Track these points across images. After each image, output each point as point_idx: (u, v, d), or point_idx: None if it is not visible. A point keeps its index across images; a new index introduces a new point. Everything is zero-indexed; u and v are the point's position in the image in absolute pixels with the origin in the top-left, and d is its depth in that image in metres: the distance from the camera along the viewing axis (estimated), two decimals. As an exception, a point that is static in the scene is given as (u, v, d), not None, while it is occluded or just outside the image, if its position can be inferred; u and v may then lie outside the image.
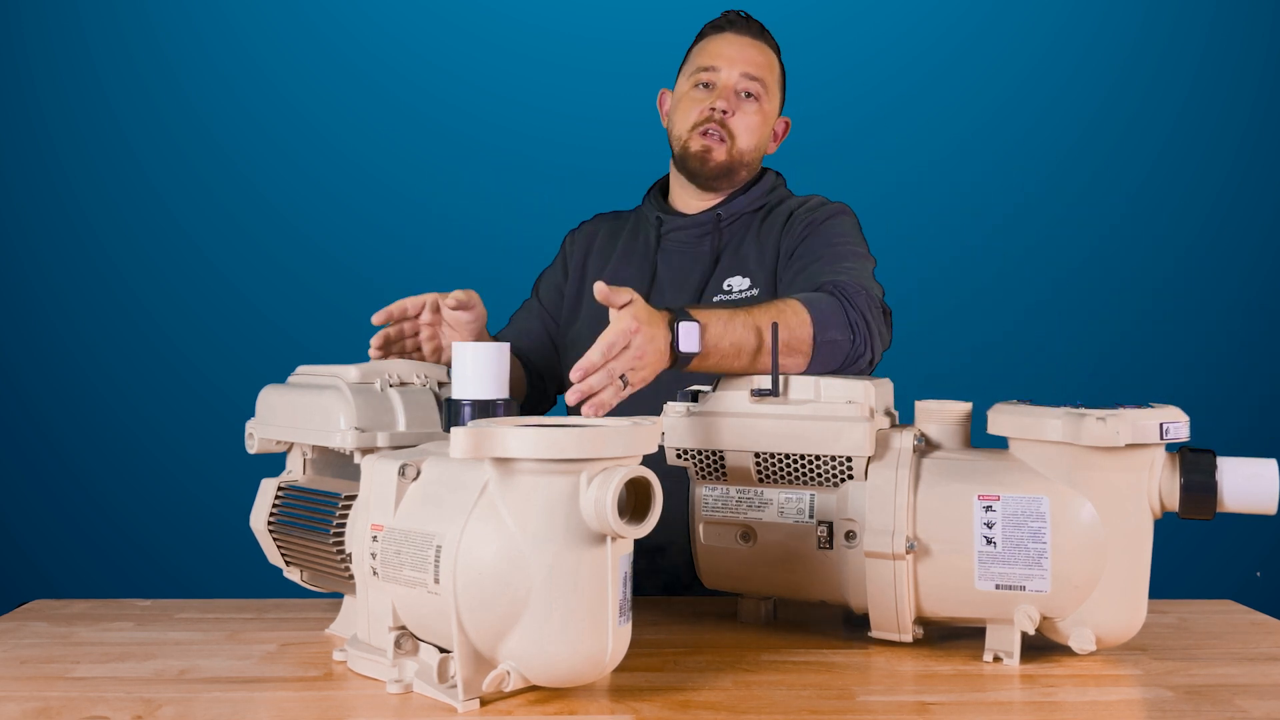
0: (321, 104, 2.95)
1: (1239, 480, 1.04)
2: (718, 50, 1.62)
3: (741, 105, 1.60)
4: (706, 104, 1.59)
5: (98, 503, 2.88)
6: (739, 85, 1.59)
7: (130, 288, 2.91)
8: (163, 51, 2.93)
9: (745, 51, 1.61)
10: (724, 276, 1.57)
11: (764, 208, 1.63)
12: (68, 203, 2.91)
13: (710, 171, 1.60)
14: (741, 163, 1.61)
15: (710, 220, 1.62)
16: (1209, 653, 1.14)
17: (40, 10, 2.91)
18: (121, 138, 2.92)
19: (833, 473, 1.14)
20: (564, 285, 1.71)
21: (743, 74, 1.59)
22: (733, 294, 1.55)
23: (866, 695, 0.98)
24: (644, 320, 1.13)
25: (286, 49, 2.95)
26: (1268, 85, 2.94)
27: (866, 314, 1.34)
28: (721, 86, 1.59)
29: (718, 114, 1.58)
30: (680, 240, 1.63)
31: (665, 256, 1.63)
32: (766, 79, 1.61)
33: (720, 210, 1.62)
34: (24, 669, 1.06)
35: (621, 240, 1.69)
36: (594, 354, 1.08)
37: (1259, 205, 2.94)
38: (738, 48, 1.61)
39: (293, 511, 1.16)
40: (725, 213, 1.62)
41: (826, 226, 1.54)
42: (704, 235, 1.62)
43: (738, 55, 1.60)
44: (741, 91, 1.60)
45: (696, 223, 1.63)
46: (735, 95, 1.59)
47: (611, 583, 0.91)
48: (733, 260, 1.59)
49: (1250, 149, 2.94)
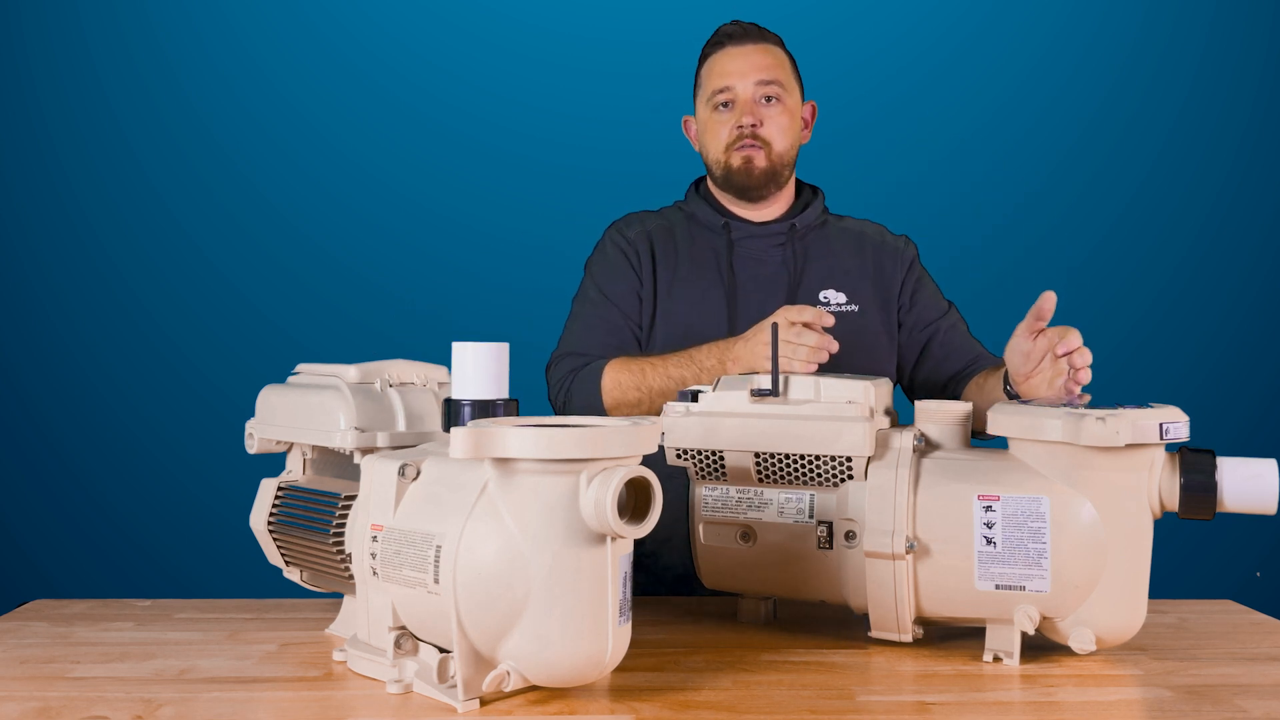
0: (321, 104, 2.95)
1: (1239, 480, 1.04)
2: (725, 68, 1.62)
3: (765, 112, 1.60)
4: (733, 123, 1.60)
5: (98, 503, 2.88)
6: (756, 94, 1.60)
7: (130, 288, 2.91)
8: (163, 51, 2.93)
9: (752, 59, 1.61)
10: (816, 288, 1.61)
11: (825, 223, 1.68)
12: (68, 203, 2.91)
13: (757, 180, 1.61)
14: (783, 163, 1.63)
15: (786, 229, 1.64)
16: (1209, 653, 1.14)
17: (40, 10, 2.91)
18: (121, 138, 2.92)
19: (833, 473, 1.14)
20: (640, 290, 1.64)
21: (757, 82, 1.60)
22: (830, 306, 1.59)
23: (866, 695, 0.98)
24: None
25: (286, 49, 2.95)
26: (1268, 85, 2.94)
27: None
28: (741, 102, 1.60)
29: (747, 130, 1.59)
30: (755, 248, 1.64)
31: (741, 264, 1.62)
32: (780, 77, 1.61)
33: (796, 221, 1.65)
34: (24, 669, 1.06)
35: (680, 245, 1.65)
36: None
37: (1259, 205, 2.94)
38: (743, 59, 1.61)
39: (293, 511, 1.16)
40: (800, 224, 1.65)
41: (926, 278, 1.70)
42: (780, 244, 1.64)
43: (746, 66, 1.60)
44: (761, 99, 1.60)
45: (770, 231, 1.64)
46: (756, 105, 1.60)
47: (611, 583, 0.91)
48: (824, 272, 1.62)
49: (1250, 149, 2.94)
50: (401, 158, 2.95)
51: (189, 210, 2.92)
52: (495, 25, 2.97)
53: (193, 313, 2.91)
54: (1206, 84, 2.95)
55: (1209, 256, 2.94)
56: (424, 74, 2.96)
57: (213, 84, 2.93)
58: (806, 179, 1.74)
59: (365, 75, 2.95)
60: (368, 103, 2.96)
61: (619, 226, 1.69)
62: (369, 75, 2.96)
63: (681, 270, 1.63)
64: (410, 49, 2.96)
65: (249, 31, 2.94)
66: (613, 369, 1.52)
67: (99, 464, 2.88)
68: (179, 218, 2.92)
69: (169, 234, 2.91)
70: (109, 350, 2.89)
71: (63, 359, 2.90)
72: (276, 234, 2.93)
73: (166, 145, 2.92)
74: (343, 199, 2.94)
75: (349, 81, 2.95)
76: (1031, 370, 1.31)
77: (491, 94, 2.96)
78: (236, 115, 2.93)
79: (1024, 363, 1.31)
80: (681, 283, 1.61)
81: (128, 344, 2.89)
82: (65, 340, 2.89)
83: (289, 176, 2.93)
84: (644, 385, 1.48)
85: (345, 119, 2.95)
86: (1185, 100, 2.95)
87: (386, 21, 2.97)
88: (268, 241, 2.92)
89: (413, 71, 2.96)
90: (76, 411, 2.89)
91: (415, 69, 2.96)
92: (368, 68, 2.96)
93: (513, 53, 2.96)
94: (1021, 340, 1.29)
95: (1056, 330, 1.26)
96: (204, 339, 2.90)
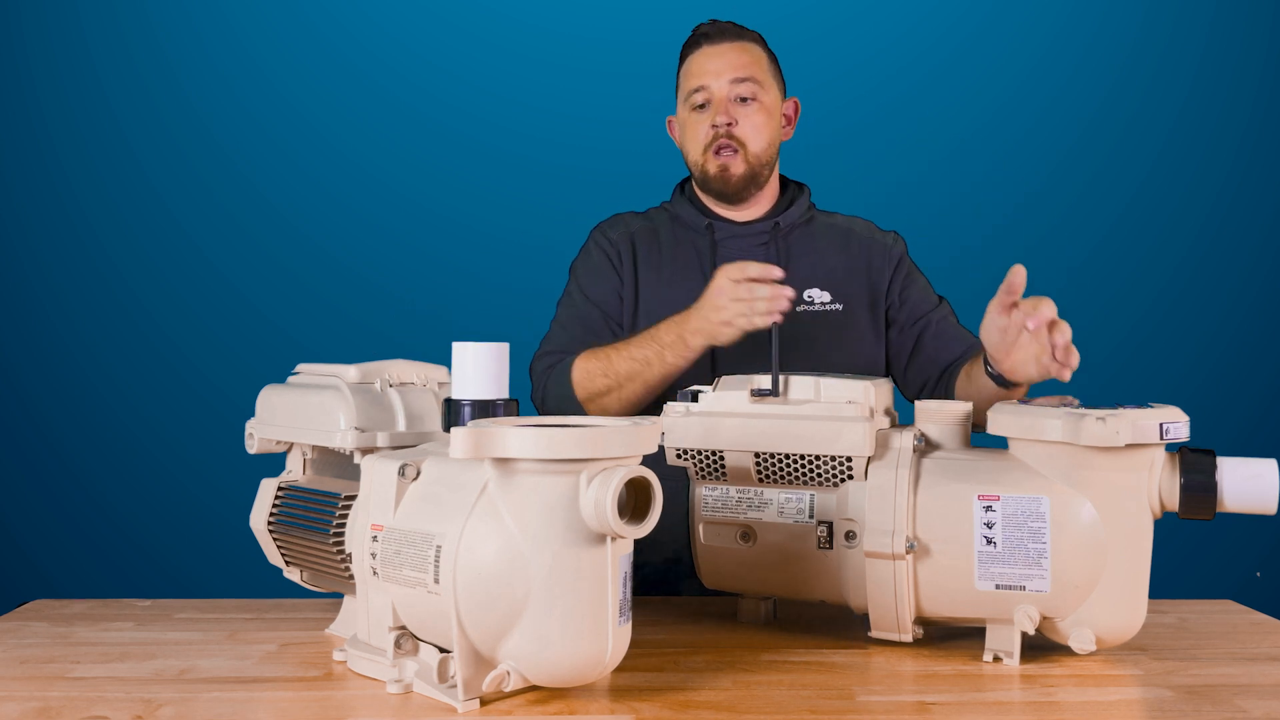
0: (321, 104, 2.95)
1: (1239, 480, 1.04)
2: (700, 67, 1.61)
3: (740, 111, 1.59)
4: (707, 123, 1.60)
5: (98, 503, 2.88)
6: (731, 93, 1.59)
7: (130, 288, 2.91)
8: (163, 51, 2.93)
9: (726, 58, 1.60)
10: (800, 286, 1.59)
11: (811, 220, 1.67)
12: (68, 203, 2.91)
13: (735, 186, 1.61)
14: (761, 163, 1.62)
15: (769, 228, 1.63)
16: (1209, 653, 1.14)
17: (40, 10, 2.91)
18: (121, 138, 2.92)
19: (833, 473, 1.14)
20: (621, 290, 1.65)
21: (731, 80, 1.59)
22: (814, 305, 1.58)
23: (866, 695, 0.98)
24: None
25: (286, 49, 2.95)
26: (1268, 85, 2.94)
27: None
28: (715, 101, 1.60)
29: (721, 129, 1.59)
30: (738, 248, 1.63)
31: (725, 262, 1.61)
32: (756, 74, 1.61)
33: (779, 219, 1.64)
34: (24, 669, 1.06)
35: (664, 246, 1.66)
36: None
37: (1259, 205, 2.94)
38: (717, 57, 1.61)
39: (293, 511, 1.16)
40: (784, 221, 1.64)
41: (916, 274, 1.67)
42: (763, 243, 1.63)
43: (720, 65, 1.60)
44: (735, 98, 1.59)
45: (753, 230, 1.64)
46: (731, 104, 1.59)
47: (611, 583, 0.91)
48: (807, 271, 1.61)
49: (1250, 149, 2.94)
50: (401, 158, 2.95)
51: (189, 210, 2.92)
52: (495, 25, 2.97)
53: (193, 313, 2.91)
54: (1206, 84, 2.95)
55: (1209, 256, 2.94)
56: (424, 74, 2.96)
57: (213, 84, 2.93)
58: (806, 179, 1.74)
59: (365, 75, 2.96)
60: (368, 103, 2.96)
61: (603, 228, 1.70)
62: (369, 75, 2.96)
63: (665, 271, 1.63)
64: (410, 49, 2.96)
65: (249, 31, 2.94)
66: (581, 360, 1.53)
67: (99, 464, 2.88)
68: (179, 218, 2.92)
69: (169, 234, 2.92)
70: (109, 350, 2.89)
71: (63, 359, 2.90)
72: (276, 234, 2.93)
73: (166, 145, 2.92)
74: (343, 199, 2.94)
75: (349, 81, 2.96)
76: (1010, 346, 1.28)
77: (491, 94, 2.96)
78: (236, 115, 2.93)
79: (1001, 338, 1.28)
80: (665, 284, 1.62)
81: (128, 344, 2.89)
82: (65, 340, 2.89)
83: (289, 176, 2.93)
84: (610, 371, 1.48)
85: (345, 119, 2.95)
86: (1185, 100, 2.95)
87: (386, 21, 2.97)
88: (268, 241, 2.92)
89: (413, 71, 2.96)
90: (76, 411, 2.90)
91: (415, 69, 2.96)
92: (368, 68, 2.96)
93: (512, 53, 2.96)
94: (995, 316, 1.26)
95: (1029, 302, 1.22)
96: (204, 339, 2.90)
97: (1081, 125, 2.95)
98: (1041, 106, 2.95)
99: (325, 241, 2.93)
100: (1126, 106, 2.95)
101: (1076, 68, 2.95)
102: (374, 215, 2.94)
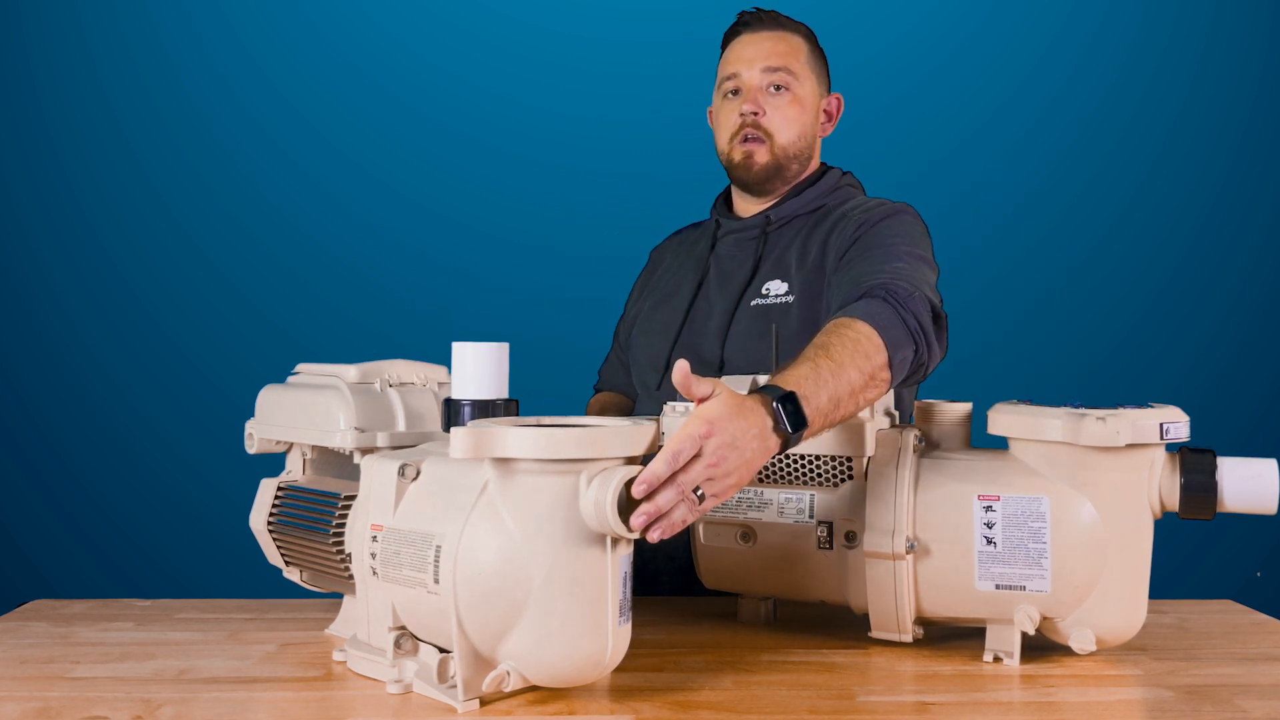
0: (321, 104, 2.95)
1: (1239, 480, 1.04)
2: (737, 55, 1.59)
3: (771, 101, 1.55)
4: (735, 111, 1.57)
5: (98, 503, 2.88)
6: (763, 82, 1.55)
7: (130, 288, 2.91)
8: (163, 51, 2.93)
9: (762, 46, 1.57)
10: (764, 280, 1.52)
11: (822, 209, 1.56)
12: (68, 203, 2.91)
13: (757, 176, 1.56)
14: (788, 156, 1.56)
15: (759, 224, 1.58)
16: (1209, 653, 1.14)
17: (40, 10, 2.91)
18: (121, 138, 2.92)
19: (833, 473, 1.14)
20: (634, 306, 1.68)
21: (764, 69, 1.55)
22: (769, 298, 1.49)
23: (866, 695, 0.98)
24: (725, 416, 0.92)
25: (286, 49, 2.95)
26: (1268, 85, 2.94)
27: (921, 317, 1.19)
28: (746, 89, 1.56)
29: (749, 118, 1.55)
30: (731, 244, 1.61)
31: (717, 260, 1.60)
32: (792, 65, 1.56)
33: (770, 213, 1.58)
34: (24, 669, 1.06)
35: (684, 254, 1.67)
36: (658, 465, 0.89)
37: (1259, 205, 2.94)
38: (753, 45, 1.58)
39: (292, 511, 1.16)
40: (775, 215, 1.57)
41: (882, 226, 1.42)
42: (752, 239, 1.58)
43: (754, 53, 1.57)
44: (767, 87, 1.55)
45: (747, 226, 1.60)
46: (762, 93, 1.55)
47: (611, 583, 0.91)
48: (775, 264, 1.54)
49: (1250, 149, 2.94)
50: (401, 158, 2.95)
51: (189, 210, 2.92)
52: (495, 25, 2.97)
53: (193, 313, 2.91)
54: (1206, 84, 2.95)
55: (1209, 256, 2.94)
56: (424, 74, 2.95)
57: (213, 84, 2.93)
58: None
59: (365, 75, 2.95)
60: (368, 103, 2.95)
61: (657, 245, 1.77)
62: (369, 75, 2.95)
63: (666, 268, 1.66)
64: (410, 49, 2.96)
65: (249, 31, 2.94)
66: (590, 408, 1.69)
67: (99, 464, 2.88)
68: (179, 218, 2.92)
69: (169, 234, 2.91)
70: (109, 350, 2.89)
71: (63, 359, 2.90)
72: (276, 234, 2.93)
73: (166, 145, 2.92)
74: (343, 199, 2.94)
75: (349, 81, 2.96)
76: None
77: (491, 94, 2.96)
78: (236, 115, 2.93)
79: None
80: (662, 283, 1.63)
81: (128, 344, 2.89)
82: (65, 340, 2.89)
83: (289, 176, 2.93)
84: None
85: (345, 119, 2.95)
86: (1185, 100, 2.95)
87: (386, 21, 2.97)
88: (268, 241, 2.92)
89: (413, 71, 2.96)
90: (76, 411, 2.89)
91: (415, 69, 2.96)
92: (368, 68, 2.96)
93: (513, 53, 2.96)
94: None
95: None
96: (204, 339, 2.90)
97: (1081, 125, 2.95)
98: (1041, 106, 2.95)
99: (325, 241, 2.93)
100: (1126, 106, 2.95)
101: (1076, 68, 2.95)
102: (374, 215, 2.94)
